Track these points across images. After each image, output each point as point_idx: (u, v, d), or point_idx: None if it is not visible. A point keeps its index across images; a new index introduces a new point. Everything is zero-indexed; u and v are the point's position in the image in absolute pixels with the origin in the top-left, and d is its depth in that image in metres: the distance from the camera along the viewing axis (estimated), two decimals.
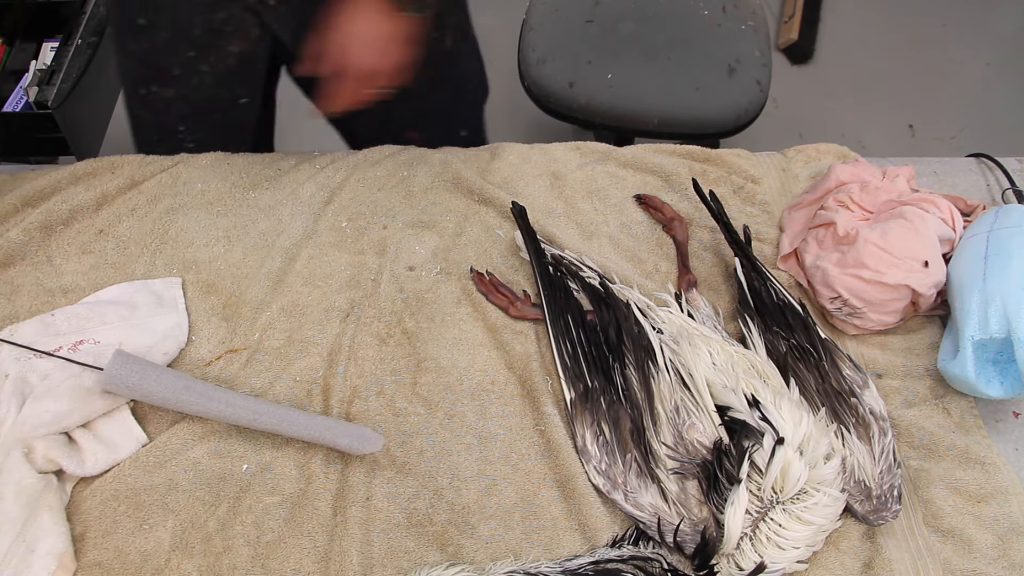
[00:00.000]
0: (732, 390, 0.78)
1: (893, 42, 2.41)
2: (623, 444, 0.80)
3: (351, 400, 0.87)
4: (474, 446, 0.84)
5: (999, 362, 0.84)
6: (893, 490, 0.78)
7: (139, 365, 0.81)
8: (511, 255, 0.98)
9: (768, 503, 0.74)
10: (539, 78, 1.50)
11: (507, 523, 0.79)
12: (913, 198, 0.93)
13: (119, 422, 0.84)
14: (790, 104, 2.27)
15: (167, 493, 0.80)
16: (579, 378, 0.85)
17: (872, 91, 2.31)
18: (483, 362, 0.90)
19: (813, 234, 0.95)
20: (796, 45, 2.34)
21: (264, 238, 0.99)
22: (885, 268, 0.87)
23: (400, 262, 0.97)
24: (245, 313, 0.93)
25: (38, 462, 0.79)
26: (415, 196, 1.03)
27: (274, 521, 0.79)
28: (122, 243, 0.98)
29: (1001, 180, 1.06)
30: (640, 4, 1.57)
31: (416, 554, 0.78)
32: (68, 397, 0.82)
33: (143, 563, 0.77)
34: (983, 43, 2.41)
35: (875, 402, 0.83)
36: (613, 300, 0.89)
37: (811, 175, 1.06)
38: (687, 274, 0.95)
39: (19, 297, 0.94)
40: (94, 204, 1.00)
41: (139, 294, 0.93)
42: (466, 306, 0.94)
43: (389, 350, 0.90)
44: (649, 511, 0.76)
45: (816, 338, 0.86)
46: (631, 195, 1.04)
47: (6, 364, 0.85)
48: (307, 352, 0.90)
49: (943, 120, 2.24)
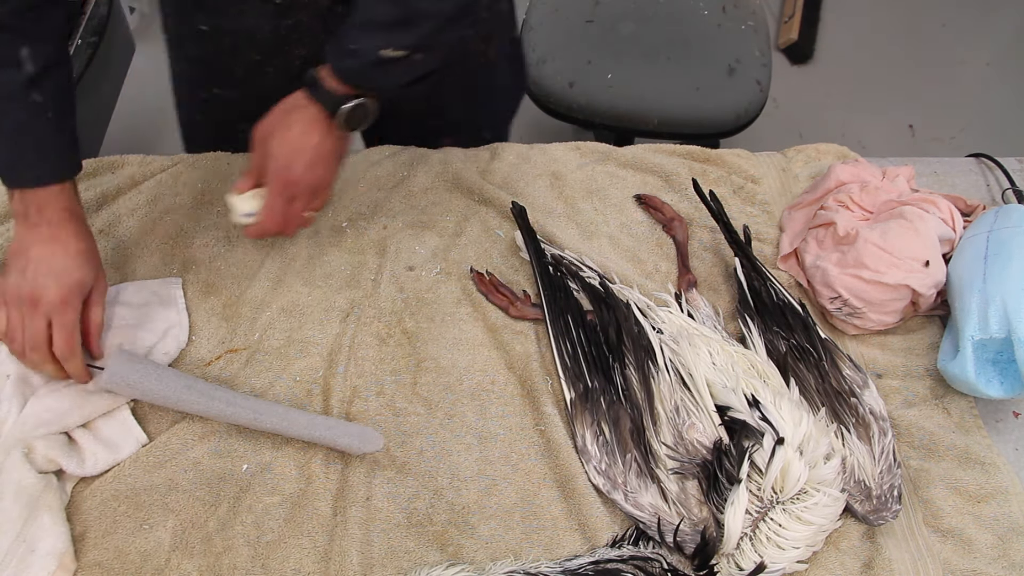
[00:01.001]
0: (732, 390, 0.78)
1: (893, 42, 2.41)
2: (623, 444, 0.80)
3: (351, 400, 0.87)
4: (474, 446, 0.84)
5: (999, 362, 0.84)
6: (893, 490, 0.78)
7: (140, 364, 0.81)
8: (511, 255, 0.98)
9: (768, 503, 0.74)
10: (539, 78, 1.51)
11: (507, 523, 0.79)
12: (913, 198, 0.93)
13: (119, 422, 0.84)
14: (790, 104, 2.28)
15: (167, 493, 0.80)
16: (579, 378, 0.85)
17: (872, 91, 2.31)
18: (483, 362, 0.90)
19: (813, 234, 0.95)
20: (796, 45, 2.34)
21: (264, 238, 0.99)
22: (885, 268, 0.87)
23: (400, 262, 0.97)
24: (245, 313, 0.93)
25: (38, 462, 0.79)
26: (415, 196, 1.03)
27: (274, 521, 0.79)
28: (122, 243, 0.98)
29: (1001, 180, 1.06)
30: (640, 4, 1.58)
31: (416, 554, 0.78)
32: (69, 397, 0.82)
33: (143, 563, 0.77)
34: (983, 43, 2.41)
35: (875, 402, 0.83)
36: (613, 300, 0.89)
37: (811, 175, 1.06)
38: (687, 274, 0.95)
39: None
40: (94, 204, 1.00)
41: (139, 295, 0.93)
42: (466, 306, 0.94)
43: (389, 350, 0.90)
44: (649, 511, 0.76)
45: (816, 338, 0.86)
46: (631, 195, 1.04)
47: (8, 364, 0.85)
48: (307, 352, 0.90)
49: (943, 120, 2.25)
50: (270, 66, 0.82)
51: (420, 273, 0.96)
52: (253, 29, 0.92)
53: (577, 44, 1.52)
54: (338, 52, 0.78)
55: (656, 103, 1.46)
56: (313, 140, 0.79)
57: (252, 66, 0.82)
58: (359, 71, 0.78)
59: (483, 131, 1.17)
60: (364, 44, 0.76)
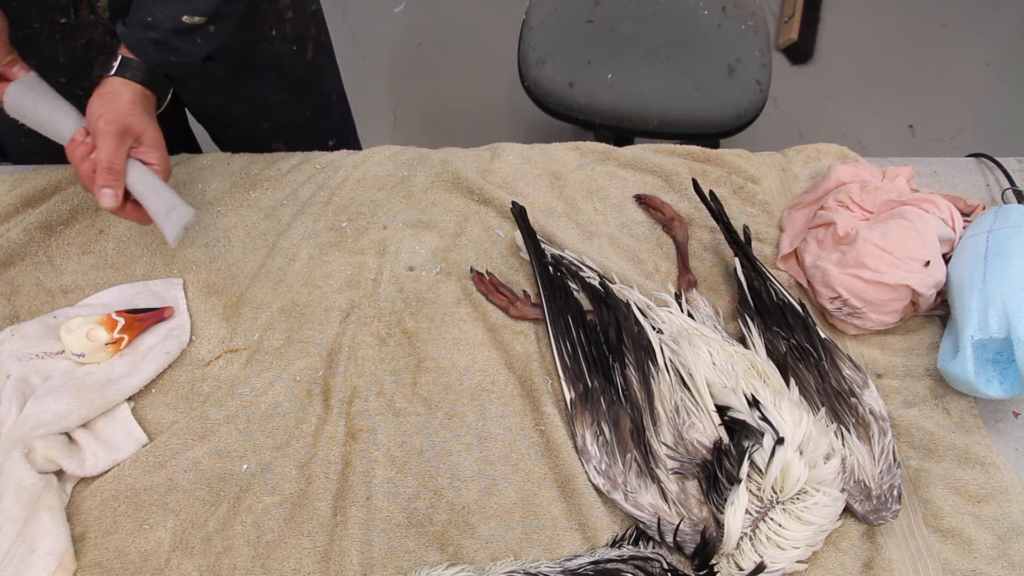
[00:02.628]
0: (732, 390, 0.78)
1: (893, 42, 2.41)
2: (623, 444, 0.80)
3: (351, 400, 0.87)
4: (474, 446, 0.84)
5: (999, 362, 0.84)
6: (893, 490, 0.78)
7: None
8: (511, 255, 0.98)
9: (768, 503, 0.74)
10: (539, 78, 1.50)
11: (507, 523, 0.79)
12: (913, 198, 0.93)
13: (119, 422, 0.84)
14: (790, 104, 2.28)
15: (167, 493, 0.80)
16: (579, 378, 0.85)
17: (872, 91, 2.31)
18: (483, 362, 0.90)
19: (813, 234, 0.95)
20: (796, 45, 2.34)
21: (264, 238, 0.99)
22: (885, 268, 0.87)
23: (400, 262, 0.97)
24: (245, 313, 0.93)
25: (38, 462, 0.79)
26: (415, 196, 1.03)
27: (274, 521, 0.79)
28: (122, 243, 0.98)
29: (1001, 180, 1.06)
30: (640, 4, 1.57)
31: (416, 554, 0.78)
32: (68, 397, 0.82)
33: (143, 563, 0.77)
34: (983, 43, 2.41)
35: (875, 402, 0.83)
36: (613, 300, 0.89)
37: (811, 175, 1.06)
38: (687, 274, 0.95)
39: (19, 297, 0.94)
40: (94, 204, 1.00)
41: (140, 296, 0.93)
42: (466, 306, 0.94)
43: (389, 350, 0.90)
44: (649, 511, 0.76)
45: (816, 338, 0.86)
46: (631, 195, 1.04)
47: (8, 364, 0.85)
48: (307, 352, 0.90)
49: (943, 120, 2.25)
50: (78, 88, 0.86)
51: (420, 273, 0.96)
52: (51, 54, 0.95)
53: (577, 44, 1.52)
54: (137, 26, 0.83)
55: (656, 103, 1.46)
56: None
57: (61, 89, 0.86)
58: (159, 42, 0.84)
59: (327, 139, 1.25)
60: (164, 13, 0.82)
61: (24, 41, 0.91)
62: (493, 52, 2.34)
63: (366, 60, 2.39)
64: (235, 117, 1.14)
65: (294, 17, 1.09)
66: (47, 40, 0.94)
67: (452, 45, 2.41)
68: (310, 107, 1.20)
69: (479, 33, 2.43)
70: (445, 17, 2.48)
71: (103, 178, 0.81)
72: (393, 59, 2.39)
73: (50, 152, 1.05)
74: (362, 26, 2.46)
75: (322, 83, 1.21)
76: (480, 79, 2.32)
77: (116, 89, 0.84)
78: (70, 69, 0.96)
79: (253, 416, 0.85)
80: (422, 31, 2.45)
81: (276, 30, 1.08)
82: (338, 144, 1.22)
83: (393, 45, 2.42)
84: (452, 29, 2.45)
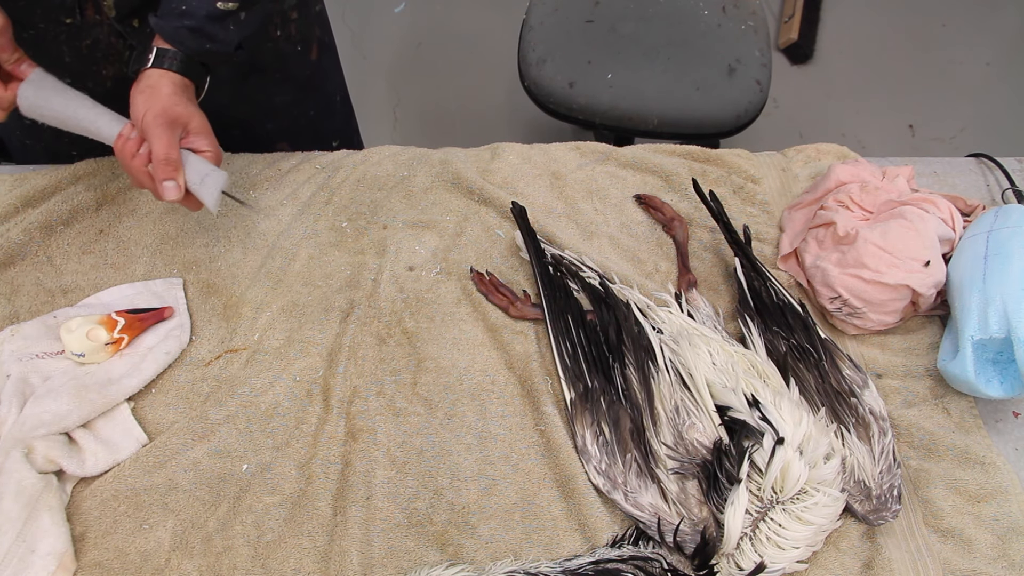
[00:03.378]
0: (732, 390, 0.78)
1: (893, 42, 2.41)
2: (623, 444, 0.80)
3: (351, 400, 0.87)
4: (474, 446, 0.84)
5: (999, 362, 0.84)
6: (893, 490, 0.78)
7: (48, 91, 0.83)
8: (511, 255, 0.98)
9: (768, 503, 0.74)
10: (539, 78, 1.51)
11: (507, 523, 0.79)
12: (913, 198, 0.93)
13: (119, 422, 0.84)
14: (790, 104, 2.28)
15: (167, 493, 0.80)
16: (579, 378, 0.85)
17: (872, 91, 2.31)
18: (483, 362, 0.90)
19: (813, 234, 0.95)
20: (796, 45, 2.34)
21: (264, 238, 0.99)
22: (885, 268, 0.87)
23: (400, 262, 0.97)
24: (245, 313, 0.93)
25: (38, 462, 0.79)
26: (415, 196, 1.03)
27: (274, 521, 0.79)
28: (122, 243, 0.98)
29: (1001, 180, 1.06)
30: (640, 4, 1.58)
31: (416, 554, 0.78)
32: (68, 397, 0.82)
33: (143, 563, 0.77)
34: (983, 43, 2.41)
35: (875, 402, 0.83)
36: (613, 300, 0.89)
37: (811, 175, 1.06)
38: (687, 274, 0.95)
39: (19, 297, 0.94)
40: (94, 204, 1.00)
41: (140, 296, 0.93)
42: (466, 306, 0.94)
43: (389, 350, 0.90)
44: (649, 511, 0.76)
45: (816, 338, 0.86)
46: (631, 195, 1.04)
47: (8, 364, 0.85)
48: (307, 352, 0.90)
49: (943, 120, 2.25)
50: (83, 89, 0.85)
51: (420, 273, 0.96)
52: (57, 55, 0.95)
53: (577, 44, 1.52)
54: (171, 16, 0.84)
55: (656, 103, 1.46)
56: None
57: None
58: (195, 29, 0.84)
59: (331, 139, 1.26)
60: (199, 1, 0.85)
61: (29, 42, 0.92)
62: (493, 52, 2.34)
63: (366, 60, 2.39)
64: (240, 118, 1.14)
65: (299, 18, 1.09)
66: (52, 40, 0.94)
67: (452, 45, 2.41)
68: (314, 108, 1.21)
69: (479, 33, 2.43)
70: (445, 17, 2.48)
71: (163, 171, 0.83)
72: (393, 59, 2.39)
73: (53, 154, 1.06)
74: (362, 26, 2.47)
75: (326, 84, 1.22)
76: (480, 79, 2.32)
77: (155, 82, 0.84)
78: (76, 69, 0.96)
79: (253, 416, 0.85)
80: (422, 31, 2.45)
81: (281, 31, 1.08)
82: (342, 145, 1.22)
83: (393, 45, 2.43)
84: (452, 29, 2.45)
